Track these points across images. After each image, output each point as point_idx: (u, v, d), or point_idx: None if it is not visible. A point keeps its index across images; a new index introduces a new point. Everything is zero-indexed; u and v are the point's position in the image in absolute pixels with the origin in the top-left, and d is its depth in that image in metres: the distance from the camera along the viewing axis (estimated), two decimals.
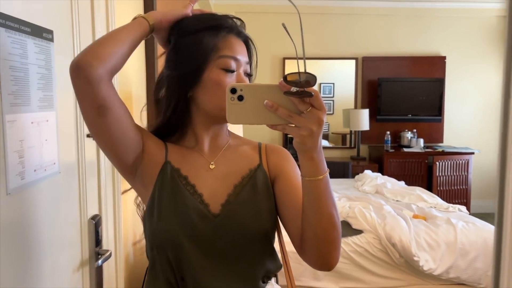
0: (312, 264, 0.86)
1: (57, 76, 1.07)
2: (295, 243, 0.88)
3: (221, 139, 0.98)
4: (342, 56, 5.04)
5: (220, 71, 0.89)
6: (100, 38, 0.86)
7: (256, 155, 0.98)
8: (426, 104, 4.96)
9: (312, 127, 0.70)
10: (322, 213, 0.78)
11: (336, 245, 0.81)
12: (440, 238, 2.44)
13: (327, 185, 0.78)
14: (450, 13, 4.97)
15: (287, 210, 0.90)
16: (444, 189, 4.58)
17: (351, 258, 2.42)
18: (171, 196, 0.89)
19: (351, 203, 2.88)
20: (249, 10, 4.87)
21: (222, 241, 0.88)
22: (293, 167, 0.96)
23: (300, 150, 0.74)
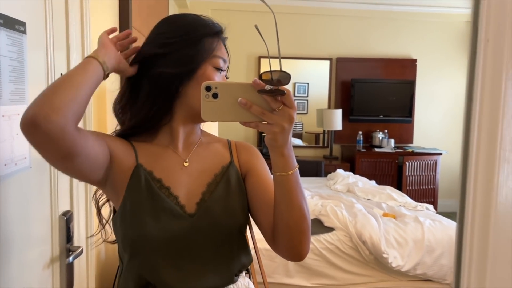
0: (284, 255, 0.90)
1: (29, 69, 1.05)
2: (267, 236, 0.92)
3: (194, 136, 1.00)
4: (317, 56, 5.10)
5: (213, 68, 0.92)
6: (52, 84, 0.78)
7: (226, 152, 1.01)
8: (397, 106, 5.09)
9: (284, 124, 0.75)
10: (293, 205, 0.83)
11: (307, 235, 0.86)
12: (408, 236, 2.52)
13: (297, 179, 0.83)
14: (421, 18, 5.11)
15: (258, 204, 0.94)
16: (413, 189, 4.72)
17: (323, 255, 2.47)
18: (147, 200, 0.89)
19: (323, 202, 2.93)
20: (225, 8, 4.86)
21: (199, 240, 0.90)
22: (263, 163, 1.01)
23: (271, 147, 0.79)
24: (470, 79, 0.38)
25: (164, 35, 0.93)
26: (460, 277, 0.46)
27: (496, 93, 0.38)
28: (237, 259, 0.94)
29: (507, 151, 0.38)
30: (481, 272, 0.41)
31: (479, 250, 0.41)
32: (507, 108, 0.37)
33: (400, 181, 4.74)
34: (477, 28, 0.37)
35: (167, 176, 0.92)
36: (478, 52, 0.38)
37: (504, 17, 0.37)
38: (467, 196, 0.43)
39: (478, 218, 0.40)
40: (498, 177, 0.39)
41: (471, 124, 0.39)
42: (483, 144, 0.38)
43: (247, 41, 4.83)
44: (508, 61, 0.37)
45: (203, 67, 0.91)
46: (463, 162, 0.42)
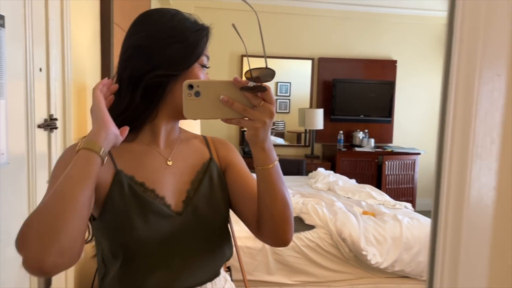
0: (270, 242, 0.94)
1: (7, 64, 1.03)
2: (251, 227, 0.95)
3: (174, 134, 1.00)
4: (299, 56, 5.13)
5: (200, 67, 0.92)
6: (54, 213, 0.71)
7: (205, 148, 1.03)
8: (378, 106, 5.17)
9: (265, 119, 0.78)
10: (276, 196, 0.87)
11: (291, 222, 0.91)
12: (387, 233, 2.56)
13: (278, 171, 0.87)
14: (402, 19, 5.20)
15: (240, 197, 0.97)
16: (392, 187, 4.80)
17: (303, 252, 2.49)
18: (134, 205, 0.88)
19: (304, 200, 2.95)
20: (208, 6, 4.84)
21: (188, 237, 0.91)
22: (239, 157, 1.05)
23: (252, 142, 0.82)
24: (445, 78, 0.39)
25: (149, 33, 0.90)
26: (434, 269, 0.47)
27: (469, 91, 0.39)
28: (221, 252, 0.97)
29: (479, 147, 0.40)
30: (454, 263, 0.42)
31: (452, 243, 0.43)
32: (479, 105, 0.39)
33: (379, 180, 4.81)
34: (452, 29, 0.39)
35: (151, 178, 0.92)
36: (453, 52, 0.39)
37: (478, 18, 0.39)
38: (441, 191, 0.45)
39: (451, 212, 0.42)
40: (470, 172, 0.40)
41: (445, 121, 0.41)
42: (457, 140, 0.40)
43: (230, 40, 4.83)
44: (481, 61, 0.39)
45: (192, 68, 0.91)
46: (437, 158, 0.44)
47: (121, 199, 0.88)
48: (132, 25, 0.93)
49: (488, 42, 0.39)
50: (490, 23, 0.38)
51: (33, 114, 1.21)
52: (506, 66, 0.39)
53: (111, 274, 0.90)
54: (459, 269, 0.44)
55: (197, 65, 0.91)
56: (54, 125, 1.36)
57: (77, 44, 1.66)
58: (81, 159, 0.76)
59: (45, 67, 1.31)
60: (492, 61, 0.39)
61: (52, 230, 0.69)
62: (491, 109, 0.39)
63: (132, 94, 0.88)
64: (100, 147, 0.77)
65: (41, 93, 1.30)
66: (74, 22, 1.59)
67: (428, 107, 5.37)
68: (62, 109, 1.45)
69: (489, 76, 0.39)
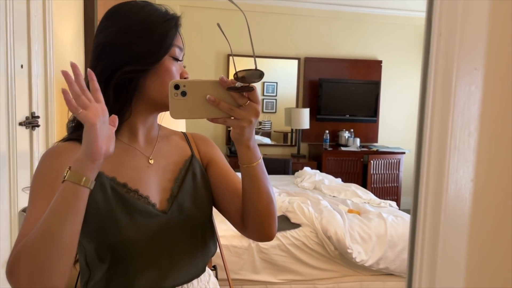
0: (255, 237, 0.96)
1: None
2: (236, 222, 0.97)
3: (154, 131, 0.98)
4: (285, 56, 5.15)
5: (171, 59, 0.89)
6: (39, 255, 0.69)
7: (185, 145, 1.02)
8: (363, 105, 5.21)
9: (251, 118, 0.79)
10: (261, 192, 0.89)
11: (275, 217, 0.93)
12: (372, 231, 2.58)
13: (262, 168, 0.88)
14: (386, 20, 5.25)
15: (223, 193, 0.98)
16: (377, 186, 4.84)
17: (289, 251, 2.50)
18: (119, 206, 0.86)
19: (290, 198, 2.96)
20: (194, 5, 4.82)
21: (175, 236, 0.91)
22: (220, 153, 1.05)
23: (238, 141, 0.83)
24: (424, 72, 0.40)
25: (117, 29, 0.87)
26: (413, 264, 0.48)
27: (447, 85, 0.40)
28: (207, 248, 0.97)
29: (457, 140, 0.40)
30: (433, 257, 0.43)
31: (431, 236, 0.43)
32: (457, 98, 0.40)
33: (365, 179, 4.86)
34: (431, 23, 0.39)
35: (133, 177, 0.90)
36: (432, 46, 0.40)
37: (456, 12, 0.39)
38: (420, 184, 0.45)
39: (430, 205, 0.43)
40: (449, 164, 0.41)
41: (424, 115, 0.42)
42: (435, 133, 0.40)
43: (216, 39, 4.82)
44: (458, 54, 0.39)
45: (162, 62, 0.89)
46: (416, 151, 0.45)
47: (105, 202, 0.86)
48: (101, 20, 0.90)
49: (466, 36, 0.39)
50: (467, 17, 0.39)
51: (14, 111, 1.19)
52: (483, 60, 0.39)
53: (96, 277, 0.88)
54: (437, 262, 0.45)
55: (168, 57, 0.89)
56: (36, 123, 1.34)
57: (60, 41, 1.64)
58: (67, 193, 0.71)
59: (26, 64, 1.29)
60: (470, 55, 0.40)
61: (42, 270, 0.69)
62: (469, 102, 0.40)
63: (105, 93, 0.82)
64: (88, 179, 0.72)
65: (23, 90, 1.28)
66: (57, 19, 1.57)
67: (412, 106, 5.44)
68: (44, 107, 1.43)
69: (467, 69, 0.40)
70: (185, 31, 0.98)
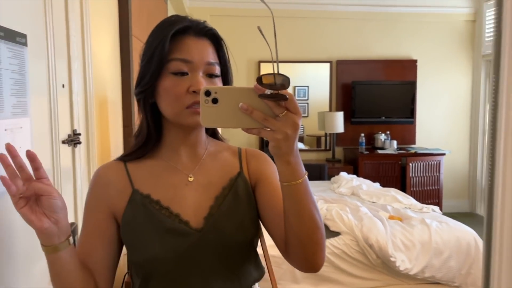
0: (298, 266, 0.85)
1: (30, 81, 1.04)
2: (280, 247, 0.87)
3: (200, 147, 0.95)
4: (317, 60, 5.09)
5: (171, 75, 0.85)
6: None
7: (236, 161, 0.96)
8: (399, 107, 5.07)
9: (287, 131, 0.69)
10: (303, 216, 0.78)
11: (321, 246, 0.81)
12: (415, 238, 2.49)
13: (306, 188, 0.77)
14: (420, 18, 5.11)
15: (270, 213, 0.89)
16: (417, 190, 4.69)
17: (329, 260, 2.44)
18: (149, 224, 0.86)
19: (328, 205, 2.91)
20: (224, 13, 4.86)
21: (209, 256, 0.87)
22: (274, 170, 0.95)
23: (275, 155, 0.74)
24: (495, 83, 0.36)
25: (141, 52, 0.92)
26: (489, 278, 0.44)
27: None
28: (247, 274, 0.91)
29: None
30: None
31: (509, 250, 0.39)
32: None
33: (404, 183, 4.71)
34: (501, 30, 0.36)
35: (168, 195, 0.89)
36: (503, 55, 0.36)
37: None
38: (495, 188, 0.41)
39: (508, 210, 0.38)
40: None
41: (497, 129, 0.38)
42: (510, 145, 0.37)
43: (247, 46, 4.82)
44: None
45: (161, 79, 0.85)
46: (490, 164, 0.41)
47: (134, 219, 0.87)
48: None
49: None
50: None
51: (57, 130, 1.22)
52: None
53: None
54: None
55: (168, 77, 0.85)
56: (78, 140, 1.37)
57: (97, 58, 1.68)
58: (47, 259, 0.83)
59: (67, 83, 1.32)
60: None
61: None
62: None
63: (140, 112, 0.93)
64: (52, 247, 0.80)
65: (64, 108, 1.31)
66: (94, 36, 1.60)
67: (451, 105, 5.25)
68: (85, 124, 1.46)
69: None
70: None
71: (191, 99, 0.83)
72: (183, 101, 0.84)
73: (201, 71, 0.85)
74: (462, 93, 5.25)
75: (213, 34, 0.90)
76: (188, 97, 0.84)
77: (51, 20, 1.18)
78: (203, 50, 0.86)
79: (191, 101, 0.83)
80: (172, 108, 0.85)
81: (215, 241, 0.86)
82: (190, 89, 0.83)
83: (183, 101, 0.84)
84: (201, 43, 0.87)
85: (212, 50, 0.89)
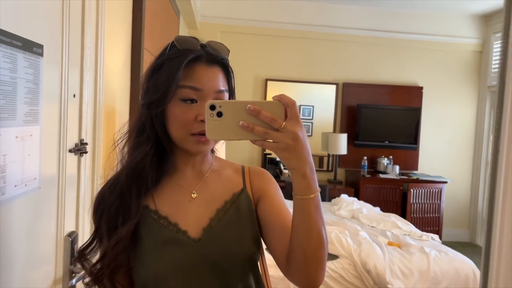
0: (298, 283, 0.86)
1: (44, 90, 1.06)
2: (281, 263, 0.88)
3: (205, 165, 0.98)
4: (323, 81, 5.14)
5: (180, 102, 0.86)
6: None
7: (239, 178, 0.98)
8: (403, 132, 5.09)
9: (289, 142, 0.71)
10: (312, 231, 0.79)
11: (323, 264, 0.82)
12: (413, 266, 2.48)
13: (318, 204, 0.78)
14: (427, 46, 5.16)
15: (272, 230, 0.90)
16: (417, 216, 4.67)
17: (326, 283, 2.43)
18: (145, 235, 0.88)
19: (328, 228, 2.90)
20: (233, 30, 4.92)
21: (206, 268, 0.87)
22: (276, 188, 0.98)
23: (288, 167, 0.75)
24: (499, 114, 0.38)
25: (147, 71, 0.92)
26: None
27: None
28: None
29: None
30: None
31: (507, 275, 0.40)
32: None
33: (404, 208, 4.70)
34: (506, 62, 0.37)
35: (174, 212, 0.91)
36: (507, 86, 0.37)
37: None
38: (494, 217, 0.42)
39: (506, 239, 0.39)
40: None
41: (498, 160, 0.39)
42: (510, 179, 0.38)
43: (255, 64, 4.88)
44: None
45: (171, 102, 0.87)
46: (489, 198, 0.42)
47: (142, 234, 0.89)
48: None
49: None
50: None
51: (65, 139, 1.23)
52: None
53: None
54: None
55: (177, 104, 0.86)
56: (84, 150, 1.39)
57: (108, 70, 1.71)
58: None
59: (78, 93, 1.35)
60: None
61: None
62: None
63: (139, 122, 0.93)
64: None
65: (74, 118, 1.33)
66: (107, 48, 1.63)
67: (455, 134, 5.26)
68: (92, 134, 1.48)
69: None
70: None
71: (198, 128, 0.86)
72: (190, 129, 0.86)
73: (211, 99, 0.87)
74: (466, 122, 5.27)
75: (224, 63, 0.92)
76: (196, 126, 0.86)
77: (67, 32, 1.21)
78: (214, 78, 0.88)
79: (198, 130, 0.86)
80: (178, 134, 0.88)
81: (213, 253, 0.87)
82: (198, 118, 0.85)
83: (190, 128, 0.86)
84: (211, 71, 0.89)
85: (222, 77, 0.91)
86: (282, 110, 0.73)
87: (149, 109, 0.88)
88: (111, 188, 0.91)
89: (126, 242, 0.85)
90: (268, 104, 0.74)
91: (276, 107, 0.73)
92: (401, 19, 5.05)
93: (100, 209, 0.90)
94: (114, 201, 0.89)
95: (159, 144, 0.91)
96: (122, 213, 0.88)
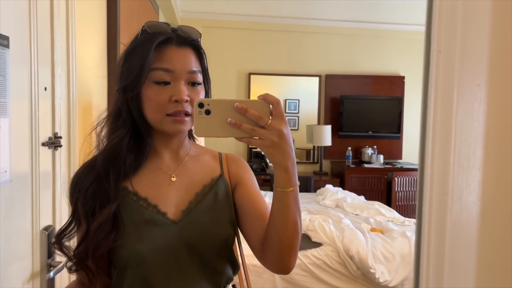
0: (272, 268, 0.90)
1: (12, 83, 1.06)
2: (255, 249, 0.92)
3: (183, 150, 0.99)
4: (307, 73, 5.16)
5: (153, 85, 0.87)
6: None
7: (217, 164, 1.01)
8: (386, 122, 5.14)
9: (274, 139, 0.75)
10: (288, 221, 0.83)
11: (296, 251, 0.87)
12: (395, 251, 2.52)
13: (296, 196, 0.83)
14: (408, 35, 5.21)
15: (247, 217, 0.94)
16: (402, 204, 4.73)
17: (310, 270, 2.46)
18: (125, 215, 0.89)
19: (311, 217, 2.93)
20: (215, 25, 4.92)
21: (184, 248, 0.89)
22: (251, 176, 1.02)
23: (273, 162, 0.79)
24: (424, 89, 0.39)
25: (122, 56, 0.93)
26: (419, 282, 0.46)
27: (448, 102, 0.39)
28: (223, 272, 0.94)
29: (461, 158, 0.39)
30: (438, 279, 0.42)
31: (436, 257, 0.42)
32: (459, 115, 0.39)
33: (389, 197, 4.76)
34: (430, 39, 0.39)
35: (153, 194, 0.92)
36: (431, 63, 0.39)
37: (455, 28, 0.39)
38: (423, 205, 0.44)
39: (434, 225, 0.41)
40: (453, 183, 0.40)
41: (426, 133, 0.41)
42: (437, 151, 0.39)
43: (238, 58, 4.88)
44: (459, 70, 0.38)
45: (144, 88, 0.88)
46: (420, 171, 0.44)
47: (123, 214, 0.89)
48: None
49: (467, 52, 0.39)
50: (468, 32, 0.38)
51: (37, 132, 1.23)
52: (486, 76, 0.39)
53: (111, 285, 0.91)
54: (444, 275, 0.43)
55: (150, 86, 0.87)
56: (59, 143, 1.38)
57: (83, 64, 1.69)
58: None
59: (50, 86, 1.34)
60: (472, 71, 0.39)
61: None
62: (472, 119, 0.39)
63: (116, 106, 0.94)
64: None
65: (46, 111, 1.32)
66: (81, 42, 1.62)
67: None
68: (67, 127, 1.48)
69: (469, 86, 0.39)
70: (207, 50, 0.97)
71: (173, 108, 0.87)
72: (165, 110, 0.87)
73: (183, 80, 0.88)
74: None
75: (195, 44, 0.93)
76: (171, 106, 0.87)
77: (35, 24, 1.20)
78: (185, 59, 0.89)
79: (173, 110, 0.87)
80: (154, 116, 0.89)
81: (192, 234, 0.89)
82: (172, 99, 0.87)
83: (165, 109, 0.87)
84: (183, 52, 0.90)
85: (195, 58, 0.92)
86: (268, 109, 0.77)
87: (124, 93, 0.89)
88: (86, 171, 0.91)
89: (108, 224, 0.86)
90: (254, 103, 0.77)
91: (262, 106, 0.77)
92: (382, 10, 5.09)
93: (76, 191, 0.90)
94: (91, 184, 0.89)
95: (136, 128, 0.93)
96: (99, 197, 0.89)
